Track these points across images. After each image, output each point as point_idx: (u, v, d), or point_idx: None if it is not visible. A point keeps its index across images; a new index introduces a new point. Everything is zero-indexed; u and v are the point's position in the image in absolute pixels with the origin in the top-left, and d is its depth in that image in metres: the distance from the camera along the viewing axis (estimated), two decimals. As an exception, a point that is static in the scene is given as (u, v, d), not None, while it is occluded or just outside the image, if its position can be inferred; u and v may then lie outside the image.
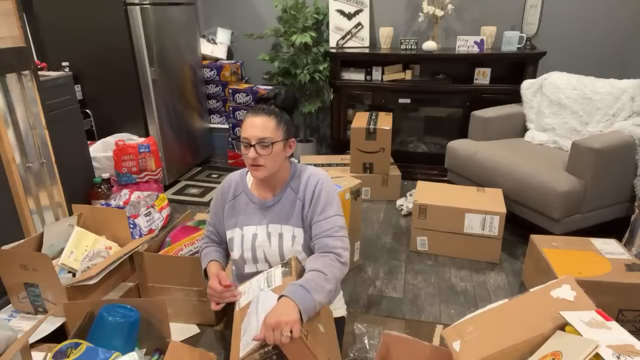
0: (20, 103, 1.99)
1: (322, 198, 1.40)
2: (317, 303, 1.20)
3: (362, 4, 3.46)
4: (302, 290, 1.19)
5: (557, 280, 1.29)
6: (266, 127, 1.34)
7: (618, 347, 1.01)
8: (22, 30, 1.97)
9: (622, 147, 2.27)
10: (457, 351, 1.17)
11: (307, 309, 1.17)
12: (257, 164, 1.36)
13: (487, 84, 3.20)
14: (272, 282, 1.31)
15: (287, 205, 1.44)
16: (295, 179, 1.46)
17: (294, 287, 1.20)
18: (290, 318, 1.11)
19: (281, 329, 1.09)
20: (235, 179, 1.54)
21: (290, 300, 1.16)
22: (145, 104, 3.10)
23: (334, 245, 1.35)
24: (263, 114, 1.36)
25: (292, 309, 1.14)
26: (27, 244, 1.86)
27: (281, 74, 3.63)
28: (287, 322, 1.10)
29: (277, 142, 1.36)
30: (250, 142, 1.34)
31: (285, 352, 1.13)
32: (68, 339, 1.37)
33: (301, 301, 1.16)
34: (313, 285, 1.21)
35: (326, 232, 1.37)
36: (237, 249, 1.48)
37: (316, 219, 1.39)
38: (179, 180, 3.52)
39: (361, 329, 1.90)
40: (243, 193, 1.50)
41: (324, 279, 1.25)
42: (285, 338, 1.09)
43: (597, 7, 3.20)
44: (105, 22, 2.90)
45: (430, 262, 2.42)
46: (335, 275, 1.30)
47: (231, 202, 1.51)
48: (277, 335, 1.09)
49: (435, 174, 3.37)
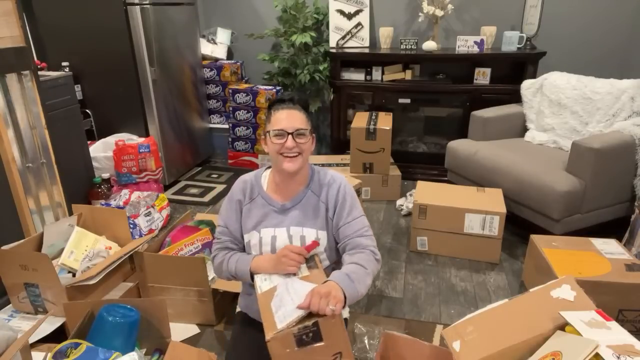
0: (20, 103, 1.99)
1: (347, 201, 1.43)
2: (359, 294, 1.26)
3: (362, 4, 3.46)
4: (347, 280, 1.25)
5: (557, 280, 1.29)
6: (301, 119, 1.36)
7: (618, 347, 1.01)
8: (22, 30, 1.97)
9: (622, 147, 2.27)
10: (457, 351, 1.17)
11: (350, 296, 1.22)
12: (294, 154, 1.36)
13: (487, 84, 3.20)
14: (298, 273, 1.33)
15: (309, 208, 1.44)
16: (315, 182, 1.47)
17: (340, 275, 1.26)
18: (339, 296, 1.17)
19: (329, 300, 1.14)
20: (250, 181, 1.49)
21: (338, 286, 1.21)
22: (145, 104, 3.10)
23: (367, 244, 1.39)
24: (292, 107, 1.37)
25: (339, 291, 1.19)
26: (27, 244, 1.86)
27: (281, 74, 3.63)
28: (335, 297, 1.16)
29: (310, 135, 1.39)
30: (287, 131, 1.34)
31: (323, 330, 1.16)
32: (68, 339, 1.37)
33: (347, 288, 1.22)
34: (356, 277, 1.27)
35: (357, 232, 1.41)
36: (255, 251, 1.45)
37: (344, 221, 1.42)
38: (179, 180, 3.52)
39: (361, 329, 1.90)
40: (259, 196, 1.47)
41: (365, 273, 1.31)
42: (329, 309, 1.13)
43: (597, 7, 3.20)
44: (105, 22, 2.90)
45: (430, 262, 2.42)
46: (373, 271, 1.35)
47: (248, 205, 1.47)
48: (323, 304, 1.13)
49: (435, 174, 3.37)
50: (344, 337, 1.19)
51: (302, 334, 1.15)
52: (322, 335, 1.16)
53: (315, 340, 1.17)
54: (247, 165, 3.80)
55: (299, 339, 1.16)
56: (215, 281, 1.91)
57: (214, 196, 3.25)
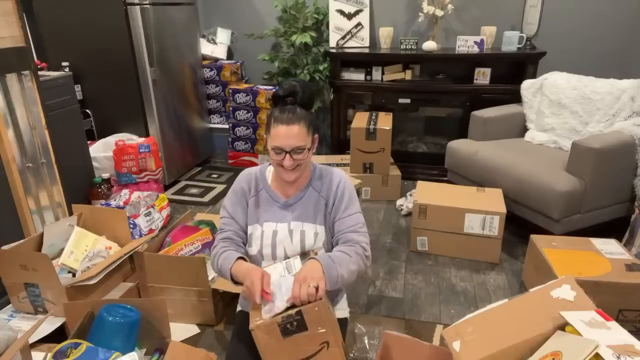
0: (20, 103, 1.99)
1: (345, 197, 1.45)
2: (339, 275, 1.28)
3: (362, 4, 3.46)
4: (329, 259, 1.29)
5: (557, 280, 1.29)
6: (299, 136, 1.33)
7: (618, 347, 1.01)
8: (22, 30, 1.97)
9: (622, 147, 2.27)
10: (457, 351, 1.17)
11: (330, 275, 1.26)
12: (292, 169, 1.37)
13: (487, 84, 3.20)
14: (292, 269, 1.36)
15: (310, 204, 1.46)
16: (316, 179, 1.49)
17: (322, 255, 1.33)
18: (317, 274, 1.23)
19: (308, 283, 1.19)
20: (255, 174, 1.52)
21: (317, 262, 1.27)
22: (145, 104, 3.10)
23: (359, 240, 1.41)
24: (293, 121, 1.32)
25: (318, 268, 1.25)
26: (27, 244, 1.86)
27: (281, 74, 3.63)
28: (313, 277, 1.21)
29: (309, 147, 1.38)
30: (284, 150, 1.33)
31: (307, 318, 1.18)
32: (68, 339, 1.37)
33: (326, 266, 1.26)
34: (338, 260, 1.31)
35: (351, 227, 1.43)
36: (255, 244, 1.46)
37: (340, 216, 1.44)
38: (179, 180, 3.52)
39: (361, 329, 1.90)
40: (264, 190, 1.50)
41: (349, 259, 1.34)
42: (311, 288, 1.17)
43: (597, 7, 3.20)
44: (105, 22, 2.90)
45: (430, 262, 2.42)
46: (359, 262, 1.37)
47: (253, 198, 1.49)
48: (304, 289, 1.18)
49: (435, 174, 3.37)
50: (330, 326, 1.21)
51: (286, 322, 1.18)
52: (307, 323, 1.19)
53: (300, 329, 1.19)
54: (247, 165, 3.80)
55: (284, 328, 1.18)
56: (215, 281, 1.91)
57: (214, 196, 3.24)
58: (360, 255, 1.38)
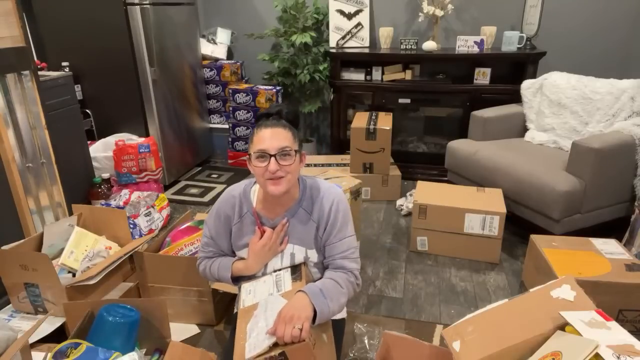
0: (20, 103, 1.99)
1: (339, 220, 1.37)
2: (330, 311, 1.24)
3: (362, 4, 3.46)
4: (321, 295, 1.23)
5: (557, 280, 1.29)
6: (285, 138, 1.26)
7: (618, 347, 1.01)
8: (22, 30, 1.97)
9: (622, 147, 2.27)
10: (457, 351, 1.17)
11: (321, 313, 1.21)
12: (278, 177, 1.26)
13: (487, 84, 3.20)
14: (281, 287, 1.32)
15: (299, 226, 1.38)
16: (306, 198, 1.39)
17: (314, 288, 1.24)
18: (305, 314, 1.16)
19: (293, 323, 1.13)
20: (239, 196, 1.42)
21: (308, 299, 1.20)
22: (145, 104, 3.10)
23: (351, 267, 1.38)
24: (276, 125, 1.28)
25: (307, 306, 1.19)
26: (27, 244, 1.86)
27: (281, 74, 3.63)
28: (300, 318, 1.15)
29: (297, 151, 1.29)
30: (269, 153, 1.24)
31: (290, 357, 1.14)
32: (68, 339, 1.37)
33: (318, 304, 1.21)
34: (330, 294, 1.26)
35: (342, 253, 1.38)
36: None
37: (331, 241, 1.38)
38: (179, 180, 3.52)
39: (361, 329, 1.90)
40: (248, 213, 1.41)
41: (340, 292, 1.30)
42: (295, 330, 1.12)
43: (597, 7, 3.20)
44: (105, 22, 2.90)
45: (430, 262, 2.42)
46: (349, 291, 1.34)
47: (237, 225, 1.42)
48: (288, 330, 1.12)
49: (435, 174, 3.37)
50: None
51: None
52: None
53: None
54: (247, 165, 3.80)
55: None
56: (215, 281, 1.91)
57: (214, 196, 3.24)
58: (352, 283, 1.36)
